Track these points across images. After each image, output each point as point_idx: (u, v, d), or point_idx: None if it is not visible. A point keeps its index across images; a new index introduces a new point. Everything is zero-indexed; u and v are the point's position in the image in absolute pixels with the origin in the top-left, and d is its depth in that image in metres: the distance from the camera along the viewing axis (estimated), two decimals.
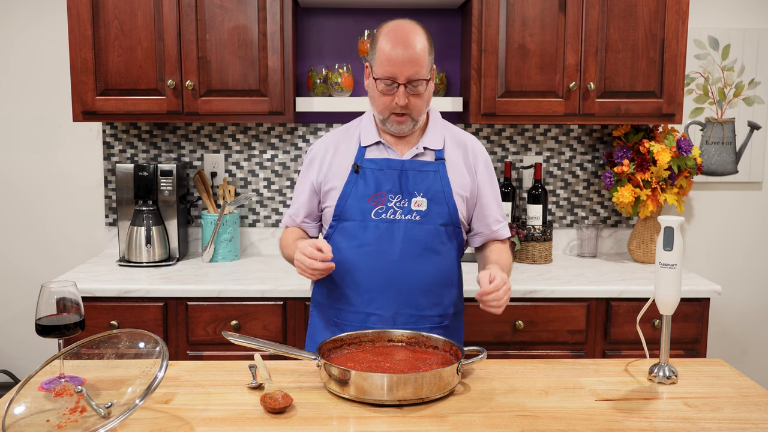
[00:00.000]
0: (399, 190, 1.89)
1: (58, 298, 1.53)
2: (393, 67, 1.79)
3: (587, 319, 2.53)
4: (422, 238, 1.88)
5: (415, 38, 1.81)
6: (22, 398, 1.42)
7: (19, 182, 3.07)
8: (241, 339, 1.56)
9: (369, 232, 1.87)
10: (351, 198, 1.89)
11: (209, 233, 2.88)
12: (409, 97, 1.83)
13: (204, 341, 2.49)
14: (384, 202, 1.88)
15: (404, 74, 1.80)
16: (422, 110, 1.89)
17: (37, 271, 3.07)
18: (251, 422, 1.41)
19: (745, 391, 1.59)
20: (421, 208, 1.88)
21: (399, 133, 1.92)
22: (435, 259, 1.90)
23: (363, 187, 1.89)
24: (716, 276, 3.17)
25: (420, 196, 1.89)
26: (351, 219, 1.90)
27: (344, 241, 1.90)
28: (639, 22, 2.67)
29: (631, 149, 2.87)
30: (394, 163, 1.90)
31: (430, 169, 1.91)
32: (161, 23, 2.62)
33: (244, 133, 3.04)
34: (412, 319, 1.88)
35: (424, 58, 1.82)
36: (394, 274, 1.86)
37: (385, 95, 1.84)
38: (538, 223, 2.90)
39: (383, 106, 1.87)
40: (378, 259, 1.86)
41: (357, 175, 1.90)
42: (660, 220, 1.62)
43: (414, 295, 1.88)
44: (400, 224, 1.87)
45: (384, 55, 1.81)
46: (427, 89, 1.86)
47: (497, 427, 1.39)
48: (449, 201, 1.90)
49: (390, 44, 1.80)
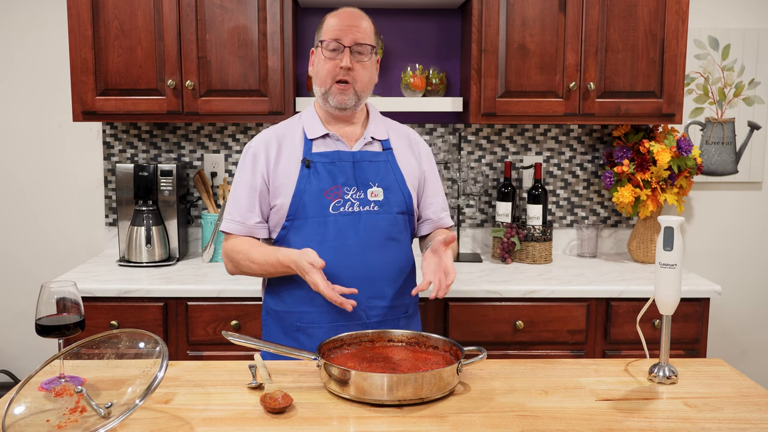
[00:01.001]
0: (354, 182, 1.86)
1: (58, 298, 1.53)
2: (339, 31, 1.84)
3: (587, 319, 2.53)
4: (382, 228, 1.86)
5: (362, 15, 1.89)
6: (22, 398, 1.42)
7: (19, 182, 3.07)
8: (241, 339, 1.56)
9: (329, 227, 1.83)
10: (306, 195, 1.84)
11: (209, 233, 2.88)
12: (354, 64, 1.84)
13: (204, 341, 2.49)
14: (341, 195, 1.85)
15: (349, 36, 1.84)
16: (366, 85, 1.88)
17: (37, 271, 3.07)
18: (251, 422, 1.40)
19: (745, 391, 1.59)
20: (378, 198, 1.87)
21: (341, 107, 1.87)
22: (396, 248, 1.89)
23: (317, 181, 1.84)
24: (716, 276, 3.17)
25: (375, 186, 1.88)
26: (307, 216, 1.84)
27: (301, 241, 1.83)
28: (639, 22, 2.67)
29: (631, 149, 2.87)
30: (345, 155, 1.88)
31: (381, 159, 1.91)
32: (161, 23, 2.62)
33: (244, 133, 3.04)
34: (383, 311, 1.86)
35: (370, 32, 1.87)
36: (359, 267, 1.83)
37: (330, 60, 1.85)
38: (538, 223, 2.90)
39: (326, 73, 1.86)
40: (341, 254, 1.82)
41: (309, 169, 1.85)
42: (660, 220, 1.62)
43: (382, 285, 1.86)
44: (360, 216, 1.85)
45: (330, 25, 1.87)
46: (371, 61, 1.88)
47: (497, 427, 1.39)
48: (404, 189, 1.91)
49: (336, 18, 1.88)
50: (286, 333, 1.90)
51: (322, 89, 1.88)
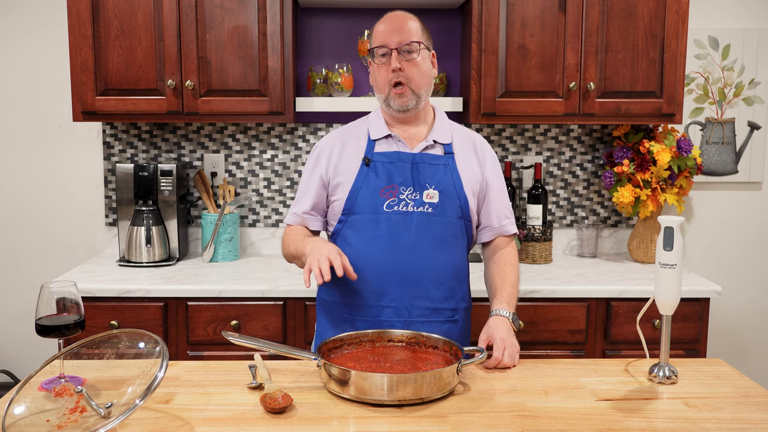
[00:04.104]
0: (411, 182, 1.89)
1: (58, 298, 1.53)
2: (384, 36, 1.88)
3: (587, 319, 2.53)
4: (435, 230, 1.88)
5: (407, 17, 1.92)
6: (22, 398, 1.42)
7: (19, 182, 3.07)
8: (241, 339, 1.56)
9: (381, 224, 1.87)
10: (362, 191, 1.89)
11: (209, 233, 2.88)
12: (403, 63, 1.86)
13: (204, 341, 2.49)
14: (396, 194, 1.88)
15: (395, 40, 1.86)
16: (421, 82, 1.90)
17: (37, 271, 3.07)
18: (251, 422, 1.41)
19: (745, 391, 1.59)
20: (433, 201, 1.89)
21: (402, 110, 1.91)
22: (447, 252, 1.90)
23: (374, 179, 1.89)
24: (716, 276, 3.17)
25: (432, 188, 1.89)
26: (362, 212, 1.89)
27: (355, 235, 1.89)
28: (639, 22, 2.67)
29: (631, 149, 2.87)
30: (405, 156, 1.91)
31: (441, 163, 1.92)
32: (161, 23, 2.62)
33: (244, 133, 3.04)
34: (427, 312, 1.88)
35: (417, 30, 1.90)
36: (407, 265, 1.85)
37: (382, 66, 1.89)
38: (538, 223, 2.90)
39: (382, 80, 1.89)
40: (390, 251, 1.85)
41: (368, 168, 1.90)
42: (660, 220, 1.62)
43: (428, 286, 1.87)
44: (413, 216, 1.87)
45: (378, 32, 1.91)
46: (422, 57, 1.89)
47: (497, 427, 1.39)
48: (460, 194, 1.91)
49: (383, 23, 1.91)
50: (335, 324, 1.94)
51: (382, 96, 1.92)
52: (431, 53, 1.95)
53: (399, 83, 1.87)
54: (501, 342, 1.73)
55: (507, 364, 1.71)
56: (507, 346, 1.73)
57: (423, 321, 1.87)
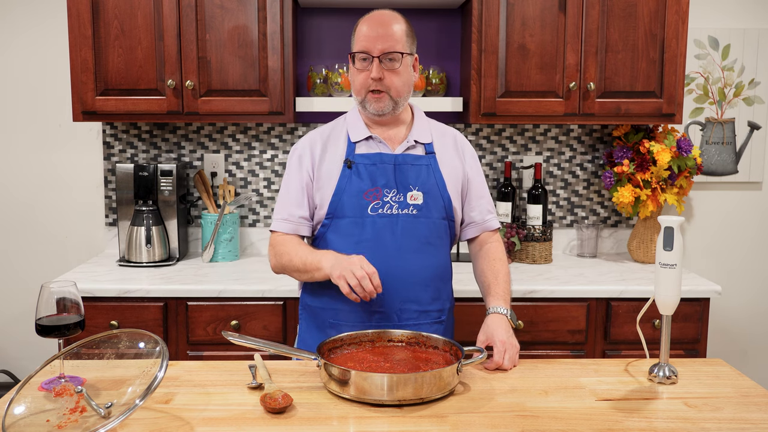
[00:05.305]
0: (394, 184, 1.87)
1: (58, 298, 1.53)
2: (367, 41, 1.83)
3: (587, 319, 2.53)
4: (420, 232, 1.87)
5: (391, 20, 1.86)
6: (22, 398, 1.42)
7: (19, 182, 3.07)
8: (241, 339, 1.56)
9: (366, 228, 1.86)
10: (346, 194, 1.87)
11: (209, 233, 2.88)
12: (384, 72, 1.83)
13: (204, 341, 2.49)
14: (380, 197, 1.86)
15: (378, 47, 1.82)
16: (401, 90, 1.87)
17: (37, 271, 3.07)
18: (251, 422, 1.41)
19: (745, 391, 1.59)
20: (417, 202, 1.88)
21: (379, 114, 1.88)
22: (432, 254, 1.90)
23: (357, 182, 1.87)
24: (716, 276, 3.17)
25: (415, 189, 1.88)
26: (346, 216, 1.87)
27: (340, 239, 1.87)
28: (639, 22, 2.67)
29: (631, 149, 2.87)
30: (387, 157, 1.89)
31: (423, 163, 1.91)
32: (161, 23, 2.62)
33: (244, 133, 3.04)
34: (415, 315, 1.87)
35: (401, 37, 1.85)
36: (394, 269, 1.84)
37: (361, 72, 1.86)
38: (538, 223, 2.90)
39: (360, 84, 1.87)
40: (377, 255, 1.83)
41: (350, 170, 1.88)
42: (660, 220, 1.62)
43: (415, 289, 1.87)
44: (398, 219, 1.86)
45: (360, 34, 1.85)
46: (403, 66, 1.86)
47: (497, 427, 1.39)
48: (444, 194, 1.91)
49: (366, 25, 1.86)
50: (319, 328, 1.92)
51: (358, 98, 1.90)
52: (414, 57, 1.93)
53: (377, 90, 1.85)
54: (501, 345, 1.73)
55: (507, 367, 1.71)
56: (507, 348, 1.72)
57: (411, 324, 1.86)
